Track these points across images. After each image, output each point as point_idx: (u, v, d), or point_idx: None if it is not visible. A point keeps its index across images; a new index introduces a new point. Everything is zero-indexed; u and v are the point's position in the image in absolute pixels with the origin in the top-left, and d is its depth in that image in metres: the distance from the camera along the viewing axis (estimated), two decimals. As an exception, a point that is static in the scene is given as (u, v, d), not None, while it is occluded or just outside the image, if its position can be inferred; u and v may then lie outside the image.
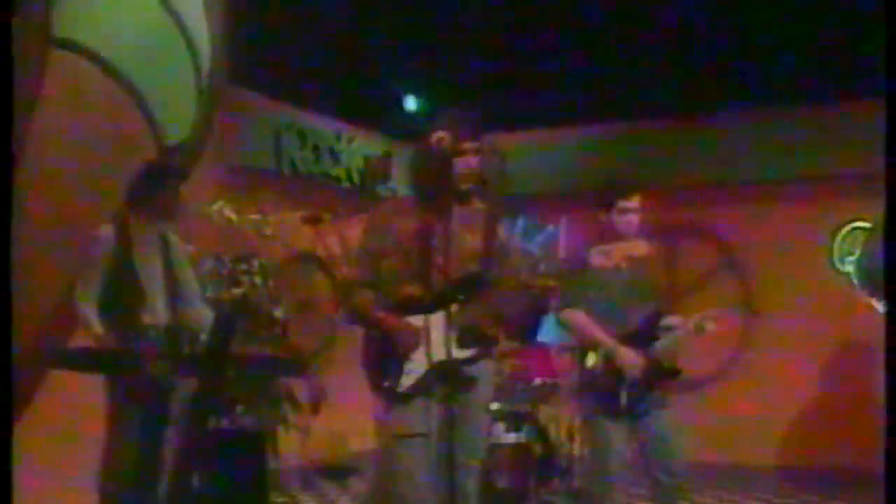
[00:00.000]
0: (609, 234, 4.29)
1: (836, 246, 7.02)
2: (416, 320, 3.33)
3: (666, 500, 4.25)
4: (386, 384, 3.34)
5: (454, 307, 3.34)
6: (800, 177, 7.17)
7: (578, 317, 4.17)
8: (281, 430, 5.90)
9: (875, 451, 4.90)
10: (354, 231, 4.07)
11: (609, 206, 4.25)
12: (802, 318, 6.90)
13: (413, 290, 3.38)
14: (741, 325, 7.22)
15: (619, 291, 4.20)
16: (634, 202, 4.26)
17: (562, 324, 4.31)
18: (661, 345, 4.22)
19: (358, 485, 6.42)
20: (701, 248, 7.49)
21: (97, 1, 5.48)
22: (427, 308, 3.34)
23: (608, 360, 4.11)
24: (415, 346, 3.31)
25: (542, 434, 5.69)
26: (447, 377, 3.29)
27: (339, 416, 6.51)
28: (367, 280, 3.45)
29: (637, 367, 4.10)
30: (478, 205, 3.49)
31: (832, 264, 7.03)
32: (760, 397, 7.07)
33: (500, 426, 5.61)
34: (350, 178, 7.43)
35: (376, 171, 7.65)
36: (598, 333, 4.12)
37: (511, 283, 3.47)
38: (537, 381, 5.86)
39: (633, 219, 4.25)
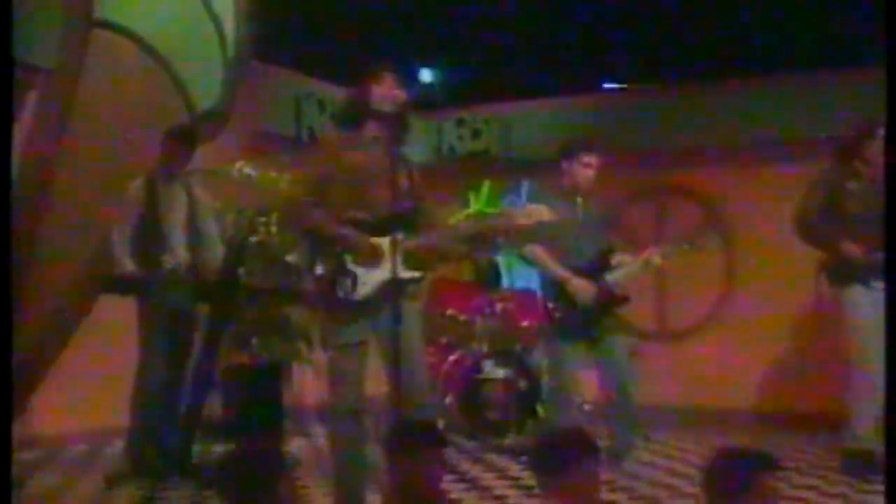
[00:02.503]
0: (569, 184, 4.96)
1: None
2: (377, 242, 3.72)
3: (620, 414, 4.90)
4: (341, 296, 3.70)
5: (399, 235, 3.73)
6: (784, 140, 7.51)
7: (538, 251, 4.84)
8: (296, 366, 6.63)
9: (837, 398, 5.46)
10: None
11: (573, 157, 4.91)
12: (780, 274, 7.36)
13: (358, 214, 3.75)
14: (724, 279, 7.83)
15: (574, 232, 4.85)
16: (594, 158, 4.91)
17: (523, 258, 5.00)
18: (612, 277, 4.87)
19: (370, 423, 7.06)
20: (687, 207, 7.95)
21: (132, -16, 6.18)
22: (375, 231, 3.75)
23: (563, 289, 4.77)
24: (376, 261, 3.70)
25: (527, 371, 6.30)
26: (391, 294, 3.69)
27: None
28: (314, 200, 3.79)
29: (589, 295, 4.75)
30: (396, 148, 3.84)
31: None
32: (740, 347, 7.53)
33: (490, 363, 6.28)
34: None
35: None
36: (554, 266, 4.77)
37: (451, 223, 4.07)
38: (524, 323, 6.48)
39: (591, 174, 4.91)
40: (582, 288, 4.74)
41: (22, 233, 5.31)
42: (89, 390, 5.61)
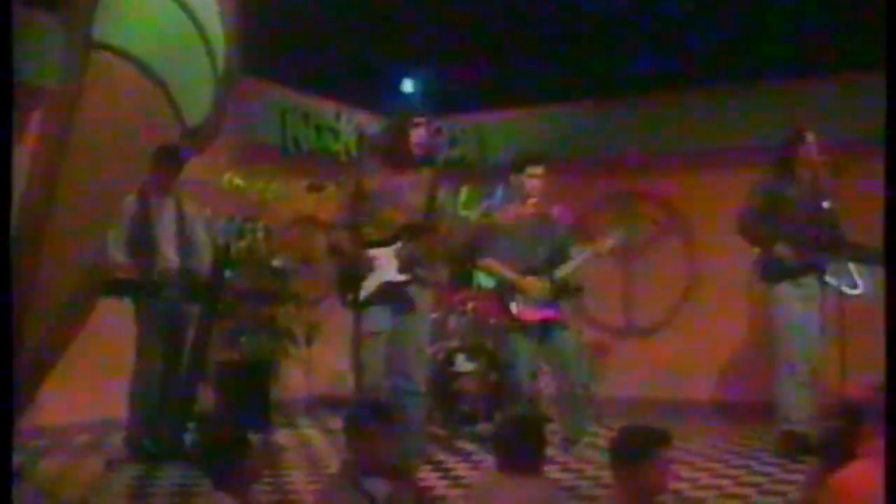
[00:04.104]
0: (518, 193, 5.46)
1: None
2: (373, 252, 4.56)
3: (568, 402, 5.39)
4: (350, 298, 4.55)
5: (399, 245, 4.61)
6: (740, 148, 7.91)
7: (490, 263, 5.37)
8: (283, 362, 7.12)
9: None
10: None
11: (521, 170, 5.41)
12: (739, 273, 7.81)
13: (373, 232, 4.59)
14: (686, 279, 8.33)
15: (526, 235, 5.36)
16: (540, 169, 5.41)
17: (480, 269, 5.53)
18: (563, 270, 5.37)
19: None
20: (651, 211, 8.41)
21: (128, 8, 6.50)
22: (382, 244, 4.59)
23: (517, 290, 5.28)
24: (369, 270, 4.53)
25: (496, 365, 6.76)
26: (391, 293, 4.58)
27: (340, 355, 7.64)
28: (345, 224, 4.67)
29: (540, 290, 5.24)
30: (424, 172, 4.70)
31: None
32: (702, 342, 8.00)
33: (462, 357, 6.77)
34: (348, 153, 8.48)
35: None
36: (505, 272, 5.28)
37: (444, 229, 4.72)
38: (493, 320, 6.95)
39: (537, 183, 5.42)
40: (531, 285, 5.24)
41: (28, 241, 5.79)
42: (91, 385, 6.08)
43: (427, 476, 5.03)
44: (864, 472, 2.46)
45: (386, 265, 4.58)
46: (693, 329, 8.13)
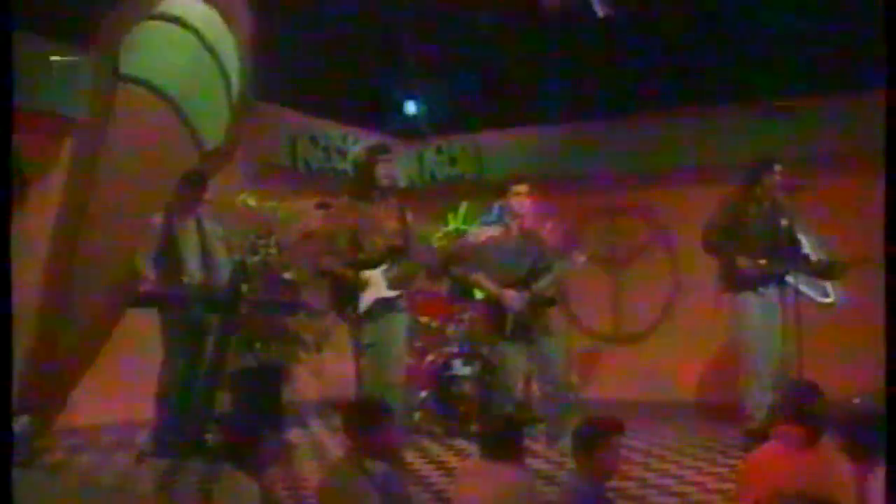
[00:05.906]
0: (508, 212, 5.99)
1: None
2: (366, 274, 5.33)
3: (552, 404, 5.93)
4: (349, 312, 5.34)
5: (385, 267, 5.35)
6: (720, 165, 8.34)
7: (479, 277, 5.91)
8: (295, 368, 7.68)
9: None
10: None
11: (506, 192, 5.95)
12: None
13: (359, 256, 5.36)
14: (671, 288, 8.85)
15: (511, 251, 5.89)
16: (523, 188, 5.93)
17: (468, 283, 6.10)
18: (542, 283, 5.89)
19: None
20: (636, 225, 8.98)
21: (151, 43, 7.10)
22: (369, 266, 5.33)
23: (496, 301, 5.83)
24: (365, 288, 5.29)
25: (490, 369, 7.29)
26: (385, 307, 5.35)
27: (347, 361, 8.15)
28: (329, 250, 5.49)
29: (520, 302, 5.77)
30: (393, 201, 5.39)
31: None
32: (686, 348, 8.50)
33: (458, 362, 7.32)
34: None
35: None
36: (488, 284, 5.83)
37: (414, 252, 5.52)
38: (487, 329, 7.47)
39: (524, 201, 5.93)
40: (512, 297, 5.78)
41: (63, 258, 6.39)
42: (120, 388, 6.64)
43: (424, 469, 5.60)
44: (766, 451, 3.01)
45: (378, 283, 5.37)
46: (677, 335, 8.64)
